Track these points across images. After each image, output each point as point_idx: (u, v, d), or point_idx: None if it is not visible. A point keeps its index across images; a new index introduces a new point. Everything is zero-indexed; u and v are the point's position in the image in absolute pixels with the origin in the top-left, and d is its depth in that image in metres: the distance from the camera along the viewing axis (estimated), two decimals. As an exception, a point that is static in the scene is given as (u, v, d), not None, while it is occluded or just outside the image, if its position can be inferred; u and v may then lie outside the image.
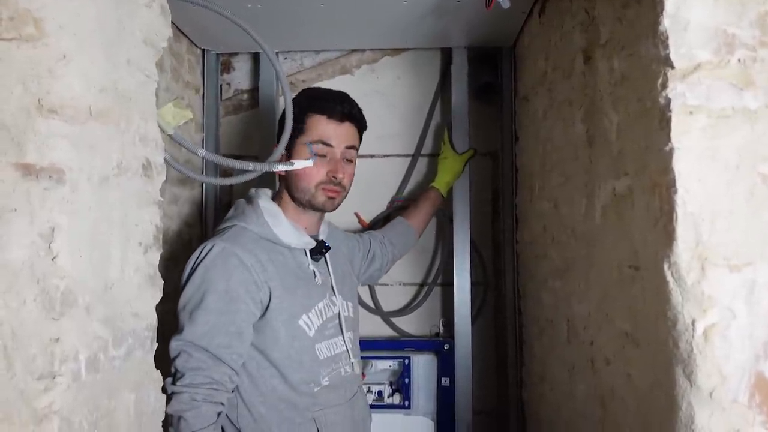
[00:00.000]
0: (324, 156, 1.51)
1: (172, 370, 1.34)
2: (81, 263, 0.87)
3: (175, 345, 1.34)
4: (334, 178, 1.50)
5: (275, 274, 1.43)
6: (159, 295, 1.11)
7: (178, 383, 1.31)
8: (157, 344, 1.11)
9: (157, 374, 1.10)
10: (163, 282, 1.13)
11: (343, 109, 1.54)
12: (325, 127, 1.52)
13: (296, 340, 1.45)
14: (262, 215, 1.48)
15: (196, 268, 1.39)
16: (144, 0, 1.07)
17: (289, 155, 1.51)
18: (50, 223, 0.83)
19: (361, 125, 1.59)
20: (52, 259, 0.83)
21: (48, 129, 0.84)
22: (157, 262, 1.12)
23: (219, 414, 1.34)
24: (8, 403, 0.80)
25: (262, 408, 1.42)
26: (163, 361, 1.17)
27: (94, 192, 0.91)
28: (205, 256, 1.39)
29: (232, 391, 1.38)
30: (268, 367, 1.43)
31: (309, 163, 1.44)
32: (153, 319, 1.09)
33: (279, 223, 1.48)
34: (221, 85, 2.25)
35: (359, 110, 1.59)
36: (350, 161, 1.55)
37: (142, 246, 1.06)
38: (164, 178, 1.15)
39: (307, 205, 1.53)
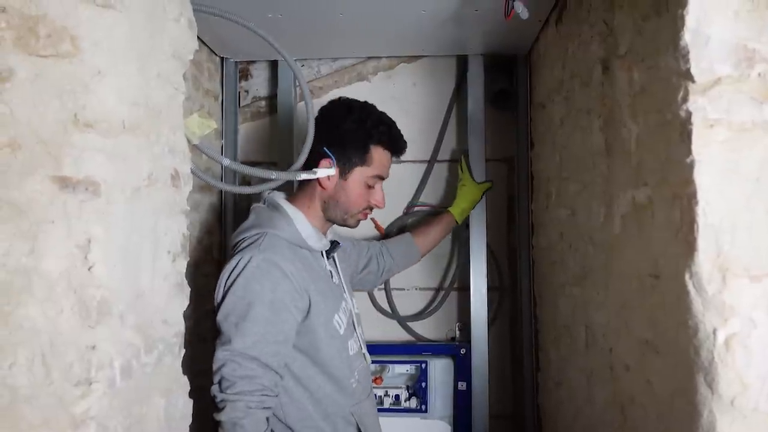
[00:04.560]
0: (372, 187, 1.58)
1: (217, 378, 1.36)
2: (115, 273, 0.90)
3: (222, 355, 1.36)
4: (375, 206, 1.61)
5: (310, 278, 1.46)
6: (186, 303, 1.14)
7: (229, 391, 1.34)
8: (184, 350, 1.13)
9: (185, 380, 1.13)
10: (189, 289, 1.16)
11: (404, 146, 1.63)
12: (387, 164, 1.60)
13: (333, 339, 1.50)
14: (293, 221, 1.49)
15: (236, 279, 1.39)
16: (173, 15, 1.09)
17: (343, 177, 1.54)
18: (87, 234, 0.86)
19: None
20: (89, 269, 0.86)
21: (84, 143, 0.87)
22: (185, 270, 1.15)
23: (268, 419, 1.37)
24: (47, 408, 0.83)
25: (310, 405, 1.47)
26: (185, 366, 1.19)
27: (126, 203, 0.93)
28: (244, 267, 1.39)
29: (277, 395, 1.41)
30: (312, 366, 1.48)
31: (331, 171, 1.47)
32: (181, 326, 1.12)
33: (305, 228, 1.51)
34: (239, 93, 2.28)
35: None
36: None
37: (170, 254, 1.09)
38: (191, 188, 1.18)
39: (337, 222, 1.60)
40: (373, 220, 2.22)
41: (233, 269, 1.40)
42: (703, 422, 0.88)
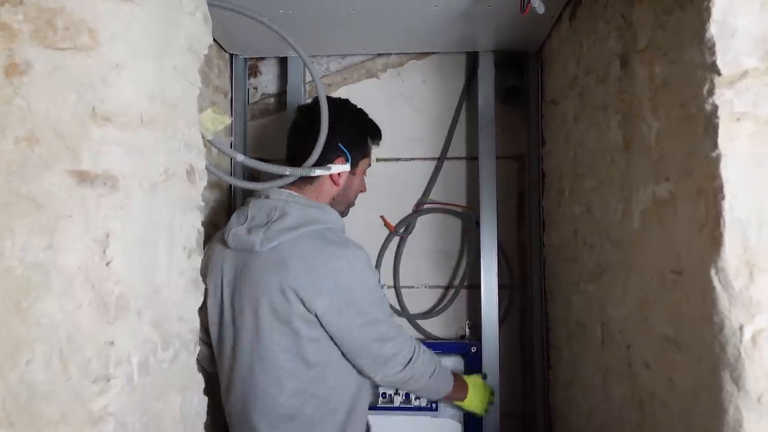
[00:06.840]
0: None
1: (391, 352, 1.48)
2: (133, 268, 0.89)
3: (384, 347, 1.47)
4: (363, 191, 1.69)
5: None
6: (201, 299, 1.13)
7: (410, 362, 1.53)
8: (198, 347, 1.12)
9: (199, 377, 1.12)
10: (204, 285, 1.15)
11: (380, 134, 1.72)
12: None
13: None
14: (338, 216, 1.55)
15: (355, 274, 1.42)
16: (188, 8, 1.08)
17: (352, 171, 1.59)
18: (105, 229, 0.85)
19: None
20: (107, 264, 0.85)
21: (102, 136, 0.86)
22: (200, 266, 1.14)
23: None
24: (65, 404, 0.82)
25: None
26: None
27: (144, 198, 0.93)
28: (352, 262, 1.42)
29: None
30: None
31: (346, 167, 1.46)
32: (196, 323, 1.11)
33: None
34: (248, 89, 2.27)
35: None
36: None
37: (185, 250, 1.08)
38: (205, 183, 1.17)
39: (342, 212, 1.63)
40: (383, 218, 2.21)
41: (342, 268, 1.41)
42: (728, 419, 0.87)
